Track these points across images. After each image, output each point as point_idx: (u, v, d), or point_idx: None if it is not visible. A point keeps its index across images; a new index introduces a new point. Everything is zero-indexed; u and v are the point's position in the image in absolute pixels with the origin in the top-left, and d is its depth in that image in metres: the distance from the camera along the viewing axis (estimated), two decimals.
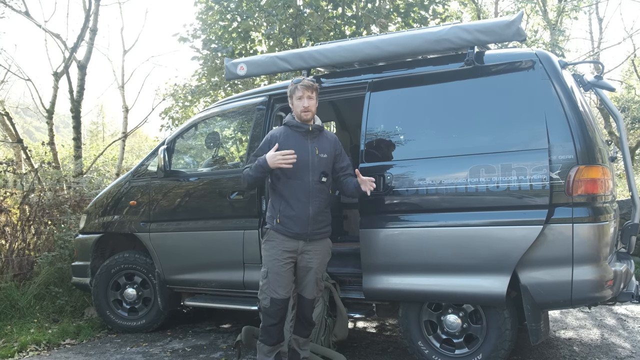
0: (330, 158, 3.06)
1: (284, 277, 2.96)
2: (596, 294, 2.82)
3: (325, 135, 3.12)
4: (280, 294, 2.94)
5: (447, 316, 3.16)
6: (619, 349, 3.57)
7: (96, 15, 8.64)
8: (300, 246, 2.97)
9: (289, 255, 2.97)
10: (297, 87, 2.99)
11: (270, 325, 2.99)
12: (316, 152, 3.00)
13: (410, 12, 8.14)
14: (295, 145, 2.96)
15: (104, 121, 24.94)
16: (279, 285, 2.94)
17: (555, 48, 10.16)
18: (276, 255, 2.96)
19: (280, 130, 3.07)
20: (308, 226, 2.95)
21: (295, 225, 2.94)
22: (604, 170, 2.92)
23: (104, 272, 4.37)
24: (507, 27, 3.00)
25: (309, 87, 2.99)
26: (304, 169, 2.96)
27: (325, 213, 3.04)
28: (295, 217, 2.94)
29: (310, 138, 3.02)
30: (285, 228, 2.95)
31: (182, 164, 4.60)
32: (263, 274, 3.00)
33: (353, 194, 3.13)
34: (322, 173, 3.01)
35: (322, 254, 3.07)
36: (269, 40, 7.85)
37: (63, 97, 8.57)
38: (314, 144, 3.01)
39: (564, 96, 2.89)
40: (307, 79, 3.07)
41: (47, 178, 6.66)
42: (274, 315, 2.97)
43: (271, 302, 2.95)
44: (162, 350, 3.88)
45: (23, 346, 3.98)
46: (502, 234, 2.90)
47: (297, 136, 3.01)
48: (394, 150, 3.29)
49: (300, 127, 3.02)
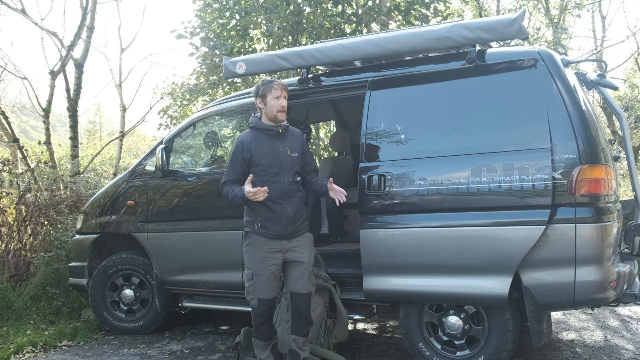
0: (300, 156, 3.10)
1: (270, 278, 3.00)
2: (599, 295, 2.80)
3: (292, 133, 3.14)
4: (267, 294, 3.00)
5: (449, 318, 3.13)
6: (623, 351, 3.54)
7: (93, 13, 8.58)
8: (284, 245, 3.02)
9: (275, 256, 3.00)
10: (273, 87, 2.99)
11: (261, 324, 3.07)
12: (288, 152, 3.03)
13: (412, 10, 8.10)
14: (266, 150, 2.99)
15: (101, 120, 24.86)
16: (266, 287, 3.00)
17: (558, 46, 10.14)
18: (260, 258, 2.99)
19: (248, 134, 3.06)
20: (289, 226, 3.01)
21: (277, 227, 2.98)
22: (607, 170, 2.89)
23: (101, 273, 4.34)
24: (510, 25, 2.97)
25: (284, 87, 3.03)
26: (279, 172, 2.99)
27: (302, 210, 3.11)
28: (276, 219, 2.98)
29: (279, 139, 3.04)
30: (268, 231, 2.99)
31: (180, 163, 4.57)
32: (249, 276, 3.03)
33: (319, 193, 3.24)
34: (295, 173, 3.06)
35: (308, 247, 3.11)
36: (268, 39, 7.81)
37: (60, 96, 8.55)
38: (284, 144, 3.04)
39: (567, 95, 2.87)
40: (278, 80, 3.09)
41: (44, 178, 6.62)
42: (262, 315, 3.05)
43: (259, 303, 3.01)
44: (160, 352, 3.85)
45: (19, 348, 3.94)
46: (504, 234, 2.88)
47: (267, 139, 3.02)
48: (395, 149, 3.27)
49: (270, 130, 3.03)
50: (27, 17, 8.31)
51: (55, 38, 8.41)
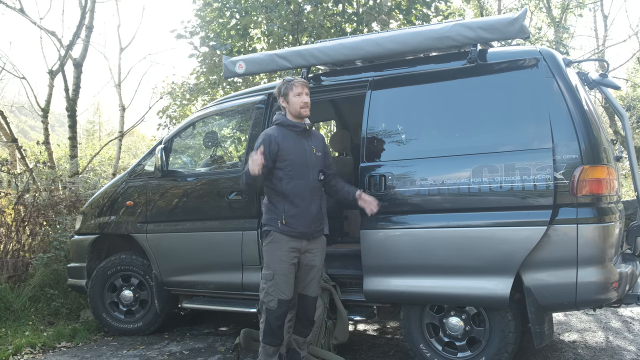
0: (323, 156, 3.12)
1: (291, 277, 2.98)
2: (601, 296, 2.79)
3: (314, 133, 3.18)
4: (288, 294, 2.97)
5: (450, 319, 3.12)
6: (624, 352, 3.53)
7: (92, 13, 8.55)
8: (303, 245, 3.00)
9: (294, 255, 2.98)
10: (294, 84, 3.01)
11: (278, 327, 2.98)
12: (313, 150, 3.05)
13: (412, 9, 8.08)
14: (293, 145, 2.99)
15: (100, 120, 24.82)
16: (287, 287, 2.96)
17: (560, 45, 10.13)
18: (282, 257, 2.95)
19: (274, 130, 3.05)
20: (312, 225, 2.99)
21: (300, 224, 2.96)
22: (609, 170, 2.89)
23: (100, 274, 4.32)
24: (511, 25, 2.95)
25: (305, 84, 3.05)
26: (305, 168, 2.99)
27: (323, 210, 3.10)
28: (300, 217, 2.96)
29: (305, 137, 3.05)
30: (291, 228, 2.95)
31: (179, 163, 4.56)
32: (268, 276, 2.97)
33: (344, 201, 3.19)
34: (320, 171, 3.07)
35: (322, 251, 3.12)
36: (268, 38, 7.79)
37: (58, 95, 8.46)
38: (309, 142, 3.06)
39: (569, 94, 2.86)
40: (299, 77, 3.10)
41: (42, 178, 6.59)
42: (281, 317, 2.98)
43: (279, 304, 2.95)
44: (159, 353, 3.83)
45: (18, 349, 3.93)
46: (505, 235, 2.87)
47: (293, 136, 3.02)
48: (396, 149, 3.26)
49: (297, 127, 3.03)
50: (26, 16, 8.28)
51: (53, 37, 8.38)
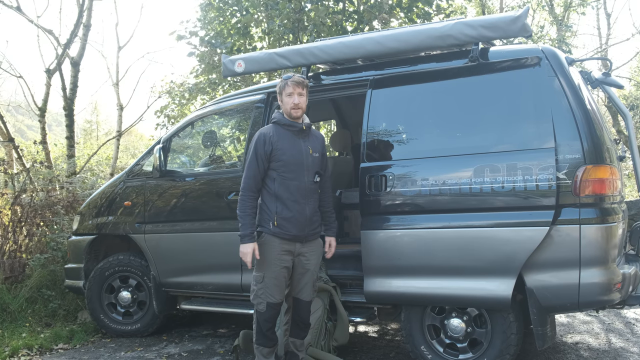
0: (320, 157, 3.04)
1: (281, 281, 2.93)
2: (604, 297, 2.77)
3: (314, 133, 3.10)
4: (277, 298, 2.92)
5: (451, 320, 3.10)
6: (627, 354, 3.51)
7: (90, 11, 8.50)
8: (296, 248, 2.94)
9: (287, 258, 2.92)
10: (287, 84, 2.92)
11: (268, 329, 2.96)
12: (310, 151, 2.97)
13: (413, 8, 8.05)
14: (289, 145, 2.92)
15: (97, 119, 24.72)
16: (277, 290, 2.92)
17: (562, 44, 10.11)
18: (273, 260, 2.90)
19: (270, 128, 2.98)
20: (305, 227, 2.93)
21: (293, 227, 2.89)
22: (612, 170, 2.87)
23: (97, 275, 4.28)
24: (513, 23, 2.93)
25: (299, 83, 2.92)
26: (300, 169, 2.92)
27: (318, 213, 3.05)
28: (293, 219, 2.89)
29: (302, 137, 2.97)
30: (283, 231, 2.89)
31: (178, 163, 4.53)
32: (258, 278, 2.94)
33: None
34: (316, 173, 2.99)
35: (317, 254, 3.05)
36: (269, 37, 7.76)
37: (56, 94, 8.44)
38: (306, 142, 2.98)
39: (571, 93, 2.84)
40: (298, 75, 3.01)
41: (39, 178, 6.54)
42: (270, 320, 2.95)
43: (267, 307, 2.91)
44: (157, 355, 3.80)
45: (14, 351, 3.89)
46: (507, 235, 2.85)
47: (290, 135, 2.95)
48: (396, 149, 3.23)
49: (293, 126, 2.95)
50: (23, 15, 8.23)
51: (51, 36, 8.32)
